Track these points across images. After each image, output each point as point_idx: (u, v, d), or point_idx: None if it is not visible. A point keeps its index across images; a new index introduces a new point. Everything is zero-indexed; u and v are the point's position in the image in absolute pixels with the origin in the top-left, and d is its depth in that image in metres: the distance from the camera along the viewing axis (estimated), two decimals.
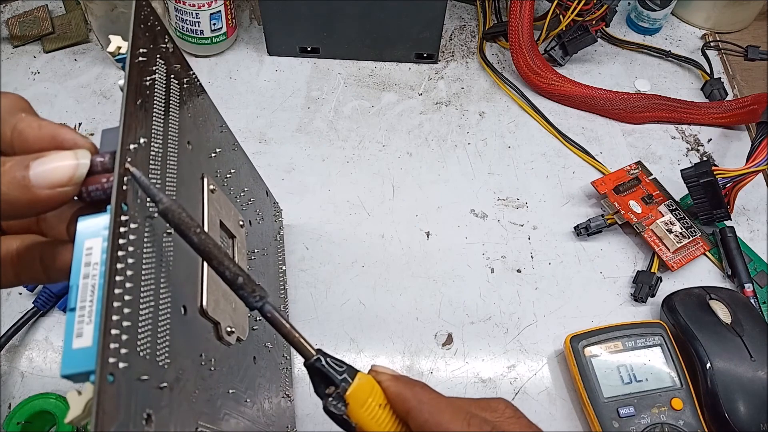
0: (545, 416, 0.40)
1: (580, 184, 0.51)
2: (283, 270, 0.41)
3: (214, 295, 0.26)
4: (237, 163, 0.35)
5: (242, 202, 0.34)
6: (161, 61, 0.26)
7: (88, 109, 0.52)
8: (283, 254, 0.42)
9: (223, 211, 0.30)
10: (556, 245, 0.48)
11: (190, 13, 0.51)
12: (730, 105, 0.55)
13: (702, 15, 0.62)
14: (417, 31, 0.54)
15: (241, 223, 0.32)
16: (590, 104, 0.55)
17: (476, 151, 0.52)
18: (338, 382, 0.23)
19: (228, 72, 0.56)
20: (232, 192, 0.32)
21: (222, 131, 0.33)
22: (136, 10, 0.26)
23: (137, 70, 0.24)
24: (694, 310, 0.42)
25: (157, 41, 0.27)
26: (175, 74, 0.27)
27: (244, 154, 0.37)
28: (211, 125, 0.31)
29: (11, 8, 0.58)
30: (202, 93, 0.31)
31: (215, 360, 0.26)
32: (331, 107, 0.54)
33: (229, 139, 0.34)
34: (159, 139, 0.24)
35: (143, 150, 0.22)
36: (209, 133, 0.31)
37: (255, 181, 0.38)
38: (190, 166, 0.27)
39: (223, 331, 0.27)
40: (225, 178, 0.32)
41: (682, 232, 0.46)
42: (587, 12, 0.53)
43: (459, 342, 0.43)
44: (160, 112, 0.25)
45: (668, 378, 0.40)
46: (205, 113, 0.31)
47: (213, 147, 0.31)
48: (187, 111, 0.28)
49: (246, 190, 0.35)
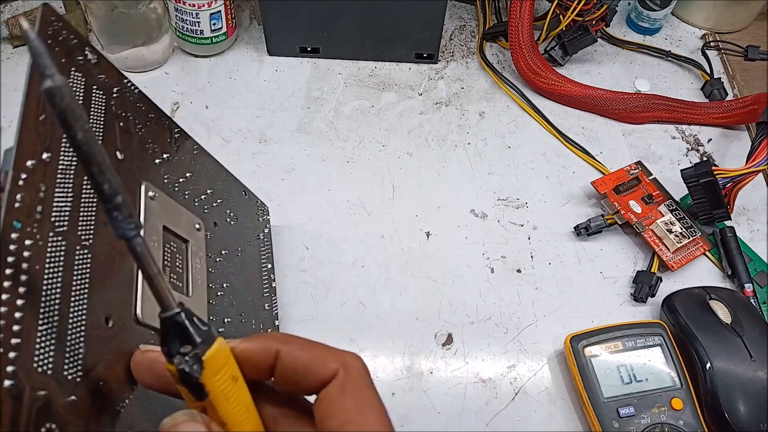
0: (545, 416, 0.40)
1: (580, 184, 0.51)
2: (269, 268, 0.41)
3: (152, 303, 0.24)
4: (196, 166, 0.35)
5: (204, 205, 0.34)
6: (78, 74, 0.26)
7: None
8: (269, 253, 0.41)
9: (170, 216, 0.30)
10: (556, 245, 0.48)
11: (190, 13, 0.51)
12: (730, 105, 0.55)
13: (702, 15, 0.62)
14: (417, 31, 0.54)
15: (197, 226, 0.32)
16: (590, 104, 0.55)
17: (476, 151, 0.52)
18: (197, 343, 0.20)
19: (228, 72, 0.56)
20: (187, 196, 0.32)
21: (177, 135, 0.34)
22: (39, 26, 0.25)
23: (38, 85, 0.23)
24: (694, 310, 0.42)
25: (72, 54, 0.26)
26: (98, 85, 0.27)
27: (210, 157, 0.37)
28: (159, 132, 0.31)
29: (11, 8, 0.58)
30: (141, 100, 0.31)
31: None
32: (331, 107, 0.54)
33: (185, 144, 0.34)
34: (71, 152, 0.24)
35: (48, 165, 0.23)
36: (156, 139, 0.31)
37: (225, 183, 0.38)
38: (125, 174, 0.27)
39: None
40: (177, 182, 0.32)
41: (682, 232, 0.46)
42: (587, 12, 0.53)
43: (459, 342, 0.43)
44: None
45: (668, 378, 0.40)
46: (148, 120, 0.31)
47: (160, 153, 0.31)
48: (118, 120, 0.28)
49: (210, 192, 0.35)
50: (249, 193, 0.41)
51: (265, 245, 0.41)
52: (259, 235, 0.40)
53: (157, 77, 0.55)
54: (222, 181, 0.38)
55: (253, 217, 0.40)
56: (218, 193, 0.36)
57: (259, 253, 0.40)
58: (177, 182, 0.32)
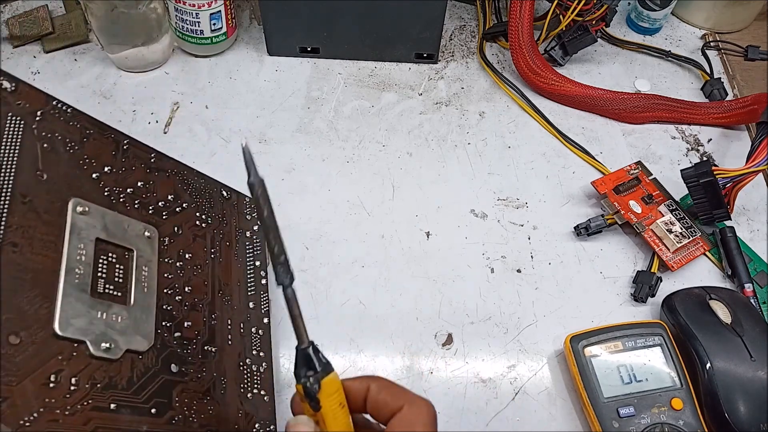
0: (545, 416, 0.40)
1: (580, 184, 0.51)
2: (256, 266, 0.40)
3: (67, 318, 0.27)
4: (152, 174, 0.35)
5: (162, 212, 0.35)
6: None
7: (88, 110, 0.51)
8: (259, 250, 0.41)
9: (107, 228, 0.31)
10: (556, 245, 0.48)
11: (190, 13, 0.51)
12: (730, 105, 0.55)
13: (702, 15, 0.62)
14: (417, 31, 0.54)
15: (147, 234, 0.33)
16: (590, 104, 0.55)
17: (476, 151, 0.52)
18: (318, 370, 0.27)
19: (228, 72, 0.56)
20: (136, 205, 0.33)
21: (126, 146, 0.35)
22: None
23: None
24: (694, 310, 0.42)
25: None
26: (14, 112, 0.29)
27: (175, 162, 0.38)
28: (99, 146, 0.33)
29: (11, 8, 0.58)
30: (76, 118, 0.32)
31: (86, 376, 0.27)
32: (331, 107, 0.54)
33: (138, 154, 0.35)
34: None
35: None
36: (95, 154, 0.32)
37: (194, 187, 0.38)
38: (47, 194, 0.29)
39: (95, 349, 0.28)
40: (122, 194, 0.33)
41: (682, 232, 0.46)
42: (587, 12, 0.53)
43: (459, 342, 0.43)
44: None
45: (668, 378, 0.40)
46: (85, 137, 0.32)
47: (99, 167, 0.32)
48: (42, 142, 0.30)
49: (170, 198, 0.36)
50: (233, 192, 0.41)
51: (255, 242, 0.41)
52: (246, 233, 0.40)
53: (157, 77, 0.55)
54: (190, 185, 0.38)
55: (238, 216, 0.40)
56: (183, 198, 0.36)
57: (245, 251, 0.40)
58: (122, 193, 0.33)
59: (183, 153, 0.50)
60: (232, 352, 0.36)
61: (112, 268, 0.30)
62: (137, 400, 0.29)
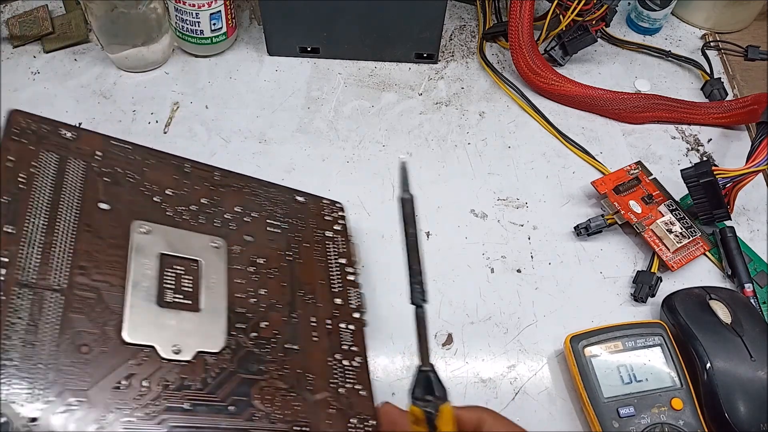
0: (545, 416, 0.40)
1: (580, 184, 0.51)
2: (341, 263, 0.41)
3: (135, 326, 0.30)
4: (217, 191, 0.38)
5: (229, 223, 0.37)
6: (50, 154, 0.33)
7: (88, 109, 0.52)
8: (343, 248, 0.42)
9: (171, 243, 0.34)
10: (556, 245, 0.48)
11: (189, 13, 0.51)
12: (730, 105, 0.55)
13: (702, 15, 0.62)
14: (417, 31, 0.54)
15: (214, 244, 0.35)
16: (590, 104, 0.55)
17: (476, 151, 0.52)
18: (437, 396, 0.27)
19: (228, 72, 0.56)
20: (201, 220, 0.36)
21: (188, 170, 0.38)
22: (6, 129, 0.32)
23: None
24: (694, 310, 0.42)
25: (43, 140, 0.33)
26: (75, 155, 0.33)
27: (243, 177, 0.40)
28: (160, 173, 0.36)
29: (11, 8, 0.58)
30: (135, 152, 0.36)
31: (158, 378, 0.29)
32: (331, 107, 0.54)
33: (201, 174, 0.38)
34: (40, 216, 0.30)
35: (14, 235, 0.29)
36: (157, 180, 0.36)
37: (263, 196, 0.40)
38: (110, 221, 0.32)
39: (165, 352, 0.30)
40: (185, 212, 0.36)
41: (682, 232, 0.46)
42: (587, 12, 0.53)
43: (459, 342, 0.43)
44: (43, 194, 0.31)
45: (668, 378, 0.40)
46: (145, 167, 0.36)
47: (161, 191, 0.35)
48: (102, 177, 0.34)
49: (238, 210, 0.38)
50: (308, 196, 0.42)
51: (336, 242, 0.42)
52: (326, 233, 0.41)
53: (157, 77, 0.55)
54: (258, 196, 0.40)
55: (316, 218, 0.41)
56: (251, 208, 0.38)
57: (326, 250, 0.40)
58: (186, 212, 0.36)
59: (183, 153, 0.50)
60: (319, 349, 0.36)
61: (180, 278, 0.33)
62: (214, 399, 0.30)
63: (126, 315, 0.30)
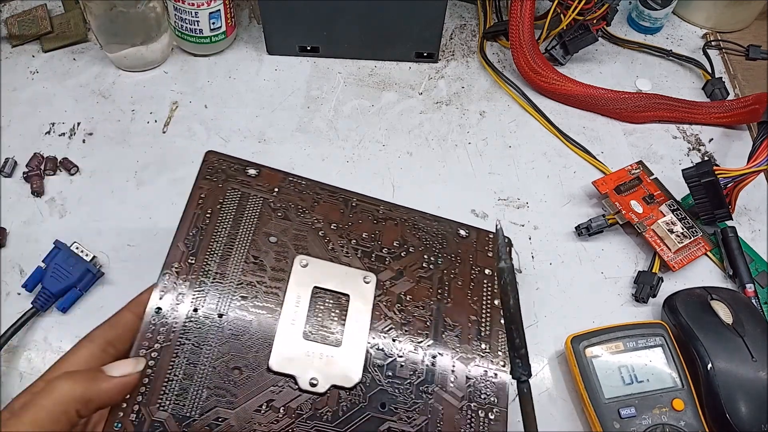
0: (546, 417, 0.40)
1: (581, 184, 0.51)
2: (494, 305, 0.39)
3: (281, 356, 0.33)
4: (379, 225, 0.39)
5: (385, 258, 0.38)
6: (235, 189, 0.37)
7: (87, 109, 0.52)
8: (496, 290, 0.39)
9: (326, 276, 0.35)
10: (557, 245, 0.47)
11: (189, 12, 0.51)
12: (731, 104, 0.54)
13: (703, 14, 0.62)
14: (417, 30, 0.54)
15: (366, 279, 0.36)
16: (591, 104, 0.55)
17: (477, 151, 0.52)
18: None
19: (227, 71, 0.55)
20: (359, 254, 0.37)
21: (355, 204, 0.39)
22: (202, 166, 0.37)
23: (193, 210, 0.35)
24: (695, 310, 0.42)
25: (231, 177, 0.37)
26: (256, 191, 0.37)
27: (407, 210, 0.40)
28: (328, 208, 0.38)
29: (10, 7, 0.57)
30: (310, 188, 0.38)
31: (293, 407, 0.32)
32: (330, 107, 0.54)
33: (366, 208, 0.39)
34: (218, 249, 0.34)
35: (194, 265, 0.34)
36: (326, 214, 0.38)
37: (423, 230, 0.40)
38: (275, 254, 0.35)
39: (303, 383, 0.32)
40: (347, 246, 0.37)
41: (684, 232, 0.46)
42: (588, 11, 0.53)
43: None
44: (224, 227, 0.35)
45: (669, 378, 0.40)
46: (315, 202, 0.38)
47: (327, 225, 0.37)
48: (276, 211, 0.37)
49: (396, 244, 0.38)
50: (472, 229, 0.41)
51: (495, 281, 0.39)
52: (485, 270, 0.39)
53: (156, 76, 0.54)
54: (420, 229, 0.40)
55: (475, 254, 0.40)
56: (410, 242, 0.39)
57: (481, 290, 0.39)
58: (345, 246, 0.37)
59: (182, 152, 0.50)
60: (454, 395, 0.35)
61: (327, 312, 0.35)
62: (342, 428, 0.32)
63: (274, 345, 0.33)
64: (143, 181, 0.48)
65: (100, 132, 0.51)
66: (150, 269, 0.44)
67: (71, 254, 0.42)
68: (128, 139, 0.50)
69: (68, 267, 0.41)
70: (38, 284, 0.41)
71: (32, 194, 0.47)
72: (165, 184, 0.48)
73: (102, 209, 0.47)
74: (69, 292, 0.41)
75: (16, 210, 0.46)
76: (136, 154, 0.50)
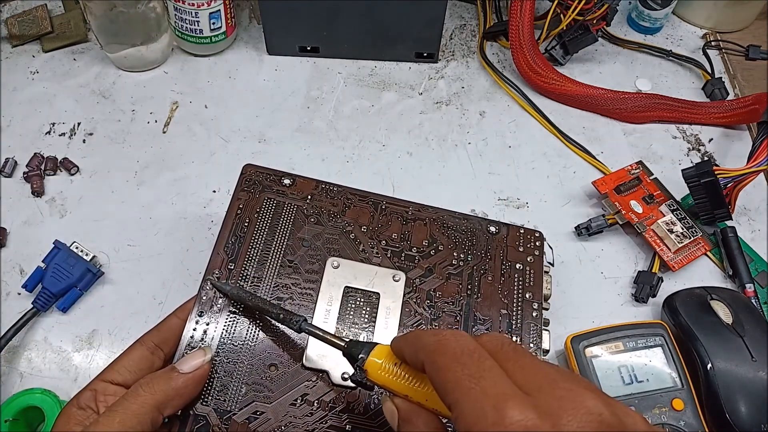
0: None
1: (580, 184, 0.51)
2: (526, 298, 0.39)
3: (314, 352, 0.34)
4: (408, 225, 0.40)
5: (415, 257, 0.39)
6: (270, 198, 0.39)
7: (87, 109, 0.52)
8: (528, 283, 0.39)
9: (357, 276, 0.37)
10: (556, 245, 0.47)
11: (189, 13, 0.51)
12: (731, 105, 0.54)
13: (703, 14, 0.62)
14: (417, 31, 0.54)
15: (396, 278, 0.38)
16: (591, 104, 0.55)
17: (477, 151, 0.52)
18: (358, 359, 0.28)
19: (227, 71, 0.55)
20: (388, 254, 0.39)
21: (385, 207, 0.40)
22: (240, 178, 0.40)
23: (232, 220, 0.38)
24: (695, 310, 0.42)
25: (267, 187, 0.40)
26: (290, 200, 0.39)
27: (437, 210, 0.41)
28: (359, 212, 0.40)
29: (10, 7, 0.57)
30: (342, 194, 0.40)
31: (326, 401, 0.33)
32: (330, 107, 0.54)
33: (396, 210, 0.41)
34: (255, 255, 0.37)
35: (233, 270, 0.36)
36: (356, 217, 0.40)
37: (453, 228, 0.41)
38: (309, 257, 0.37)
39: (336, 378, 0.34)
40: (376, 246, 0.39)
41: (683, 232, 0.46)
42: (588, 11, 0.53)
43: None
44: (261, 234, 0.38)
45: (669, 378, 0.40)
46: (346, 207, 0.40)
47: (358, 227, 0.39)
48: (309, 217, 0.39)
49: (425, 243, 0.39)
50: (502, 226, 0.41)
51: (525, 275, 0.40)
52: (517, 265, 0.40)
53: (156, 77, 0.54)
54: (449, 228, 0.41)
55: (506, 249, 0.40)
56: (439, 240, 0.40)
57: (512, 284, 0.39)
58: (375, 247, 0.39)
59: (182, 153, 0.50)
60: None
61: (359, 310, 0.36)
62: (372, 425, 0.33)
63: (308, 341, 0.34)
64: (143, 181, 0.48)
65: (101, 132, 0.51)
66: (150, 269, 0.44)
67: (71, 254, 0.42)
68: (128, 139, 0.50)
69: (68, 267, 0.41)
70: (38, 284, 0.42)
71: (32, 194, 0.47)
72: (165, 184, 0.48)
73: (102, 209, 0.47)
74: (69, 292, 0.41)
75: (16, 210, 0.46)
76: (136, 154, 0.50)
